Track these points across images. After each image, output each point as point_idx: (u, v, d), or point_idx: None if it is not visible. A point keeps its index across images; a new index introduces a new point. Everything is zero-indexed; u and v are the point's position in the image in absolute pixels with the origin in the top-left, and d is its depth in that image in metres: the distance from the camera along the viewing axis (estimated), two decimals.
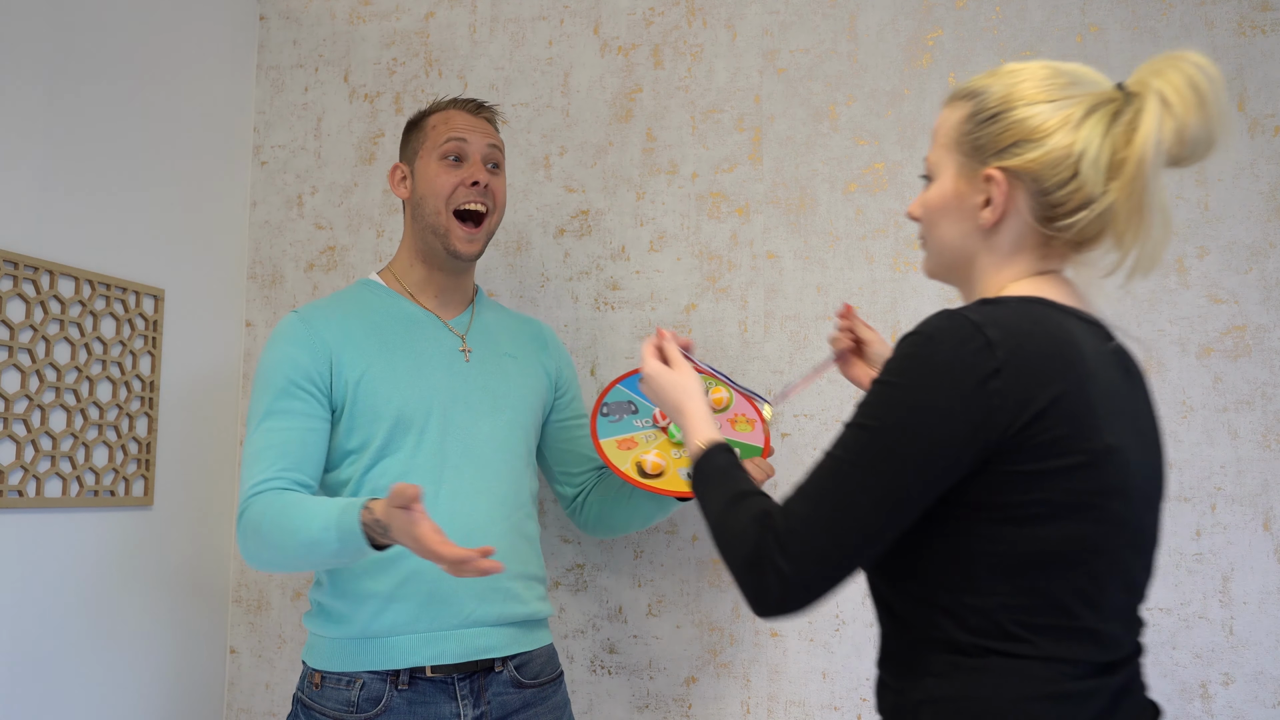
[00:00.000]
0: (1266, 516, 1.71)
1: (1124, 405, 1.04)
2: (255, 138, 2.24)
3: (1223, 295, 1.76)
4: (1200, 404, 1.75)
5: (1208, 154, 1.03)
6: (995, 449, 0.97)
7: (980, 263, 1.10)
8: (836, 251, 1.93)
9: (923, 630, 1.03)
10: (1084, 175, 1.02)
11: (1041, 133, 1.04)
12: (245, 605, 2.14)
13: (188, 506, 2.03)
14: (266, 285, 2.20)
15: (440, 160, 1.66)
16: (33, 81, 1.71)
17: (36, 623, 1.70)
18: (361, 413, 1.57)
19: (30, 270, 1.69)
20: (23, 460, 1.67)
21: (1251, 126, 1.77)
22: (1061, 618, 0.98)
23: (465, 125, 1.68)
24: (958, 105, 1.12)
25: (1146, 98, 1.01)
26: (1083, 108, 1.04)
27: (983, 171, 1.07)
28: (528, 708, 1.60)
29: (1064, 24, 1.86)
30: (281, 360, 1.57)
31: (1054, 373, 0.98)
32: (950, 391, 0.96)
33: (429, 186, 1.66)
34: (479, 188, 1.65)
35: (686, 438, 1.25)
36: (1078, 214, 1.04)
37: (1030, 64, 1.09)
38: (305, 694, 1.56)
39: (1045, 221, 1.06)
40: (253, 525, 1.47)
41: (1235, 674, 1.70)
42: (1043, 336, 0.99)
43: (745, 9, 2.01)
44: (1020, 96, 1.06)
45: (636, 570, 1.95)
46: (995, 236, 1.08)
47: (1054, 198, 1.05)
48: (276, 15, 2.26)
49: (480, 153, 1.68)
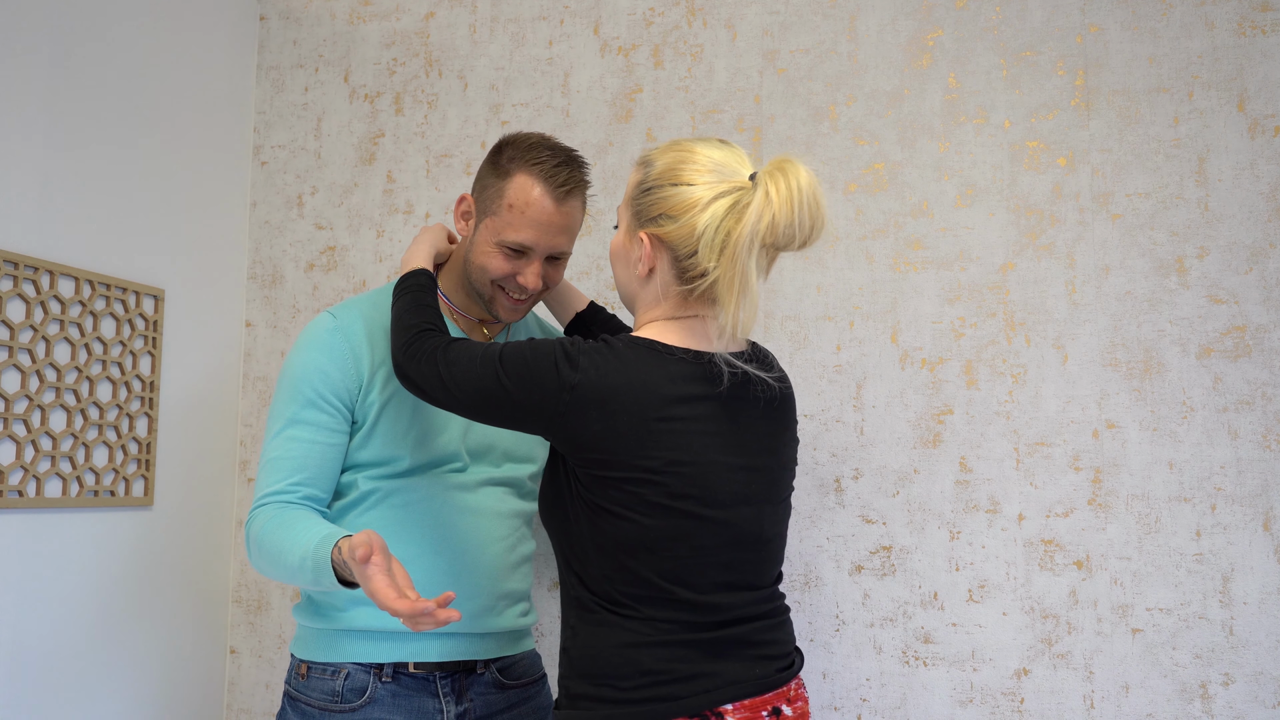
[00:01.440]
0: (1266, 517, 1.71)
1: (715, 426, 1.29)
2: (255, 138, 2.24)
3: (1223, 295, 1.76)
4: (1200, 404, 1.75)
5: (810, 242, 1.28)
6: (571, 458, 1.30)
7: (640, 302, 1.38)
8: (836, 251, 1.93)
9: (567, 590, 1.35)
10: (701, 252, 1.29)
11: (677, 210, 1.30)
12: (245, 605, 2.15)
13: (188, 506, 2.03)
14: (266, 285, 2.20)
15: (498, 245, 1.51)
16: (33, 81, 1.71)
17: (36, 623, 1.70)
18: (382, 434, 1.56)
19: (30, 270, 1.69)
20: (23, 460, 1.67)
21: (1251, 127, 1.77)
22: (653, 590, 1.28)
23: (541, 222, 1.49)
24: (637, 169, 1.37)
25: (757, 192, 1.26)
26: (712, 193, 1.29)
27: (639, 233, 1.34)
28: (512, 708, 1.62)
29: (1064, 24, 1.86)
30: (311, 371, 1.54)
31: (617, 404, 1.25)
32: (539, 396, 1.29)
33: (480, 259, 1.53)
34: (528, 290, 1.54)
35: (401, 266, 1.58)
36: (698, 280, 1.31)
37: (696, 146, 1.33)
38: (292, 685, 1.57)
39: (679, 280, 1.32)
40: (254, 536, 1.48)
41: (1235, 674, 1.70)
42: (617, 374, 1.26)
43: (745, 9, 2.01)
44: (672, 176, 1.31)
45: None
46: (648, 284, 1.36)
47: (684, 264, 1.31)
48: (276, 15, 2.26)
49: (544, 253, 1.52)
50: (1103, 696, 1.74)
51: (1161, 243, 1.79)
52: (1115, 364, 1.79)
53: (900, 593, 1.83)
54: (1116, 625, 1.75)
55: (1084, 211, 1.83)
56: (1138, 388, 1.78)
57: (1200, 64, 1.80)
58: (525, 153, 1.51)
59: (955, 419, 1.85)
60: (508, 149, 1.52)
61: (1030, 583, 1.79)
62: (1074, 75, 1.85)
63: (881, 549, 1.86)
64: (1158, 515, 1.75)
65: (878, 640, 1.84)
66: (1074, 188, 1.83)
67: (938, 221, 1.88)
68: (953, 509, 1.83)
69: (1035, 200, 1.85)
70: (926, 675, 1.82)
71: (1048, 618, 1.78)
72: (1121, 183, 1.82)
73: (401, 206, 2.15)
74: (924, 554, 1.84)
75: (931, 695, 1.81)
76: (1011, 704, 1.78)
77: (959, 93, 1.90)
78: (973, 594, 1.81)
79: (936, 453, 1.85)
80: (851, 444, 1.89)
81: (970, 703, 1.79)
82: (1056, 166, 1.84)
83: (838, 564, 1.87)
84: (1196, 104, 1.80)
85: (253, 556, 1.50)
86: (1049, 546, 1.79)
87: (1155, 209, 1.80)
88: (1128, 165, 1.82)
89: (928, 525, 1.84)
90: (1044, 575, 1.79)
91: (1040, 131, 1.86)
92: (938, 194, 1.89)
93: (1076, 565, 1.77)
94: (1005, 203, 1.86)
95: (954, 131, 1.89)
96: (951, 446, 1.84)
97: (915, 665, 1.82)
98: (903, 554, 1.85)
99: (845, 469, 1.89)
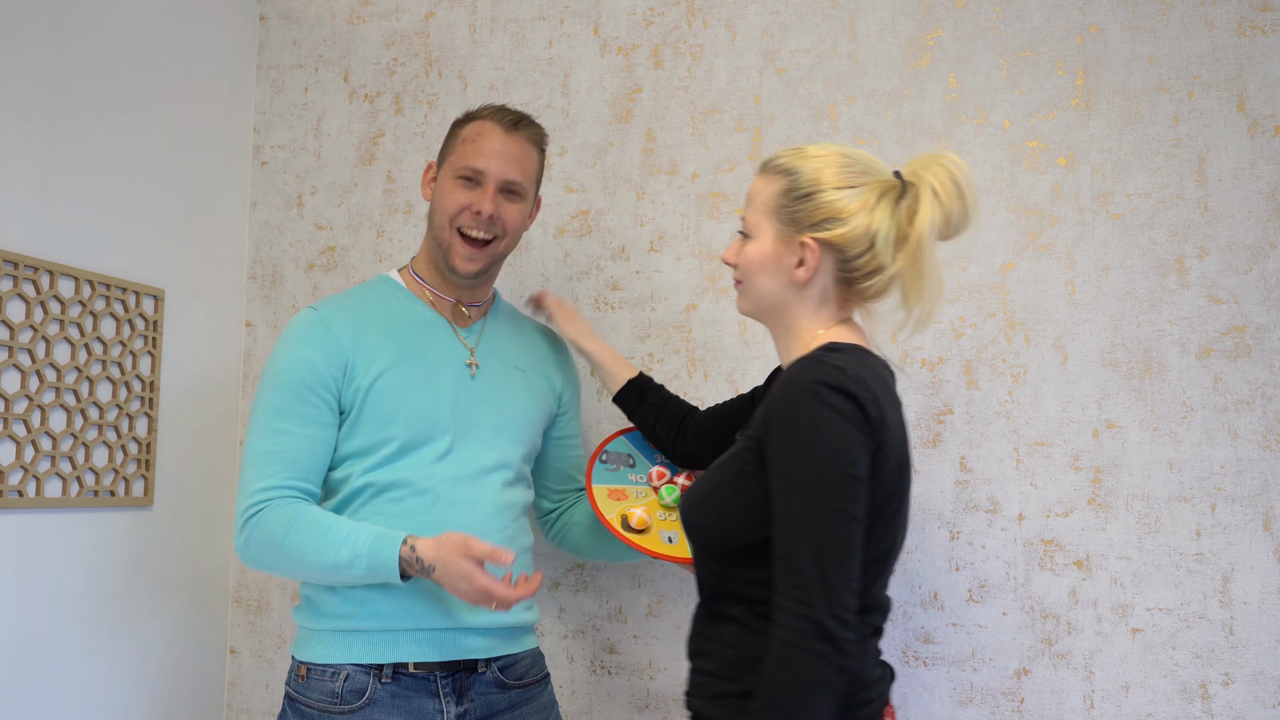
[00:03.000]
0: (1266, 516, 1.71)
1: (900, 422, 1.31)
2: (255, 138, 2.24)
3: (1223, 295, 1.76)
4: (1200, 404, 1.75)
5: (965, 231, 1.34)
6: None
7: (792, 310, 1.37)
8: None
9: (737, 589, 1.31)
10: (878, 248, 1.31)
11: (846, 214, 1.31)
12: (245, 605, 2.14)
13: (188, 506, 2.03)
14: (266, 285, 2.20)
15: (456, 179, 1.64)
16: (33, 82, 1.71)
17: (37, 623, 1.69)
18: (368, 419, 1.57)
19: (30, 270, 1.69)
20: (23, 460, 1.67)
21: (1251, 127, 1.77)
22: (864, 597, 1.26)
23: (492, 149, 1.63)
24: (774, 177, 1.37)
25: (921, 189, 1.31)
26: (875, 193, 1.32)
27: (798, 239, 1.33)
28: (513, 708, 1.61)
29: (1064, 24, 1.86)
30: (296, 361, 1.56)
31: (886, 406, 1.26)
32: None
33: (440, 200, 1.65)
34: (482, 218, 1.62)
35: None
36: (873, 278, 1.33)
37: (828, 150, 1.35)
38: (292, 687, 1.57)
39: (846, 282, 1.35)
40: (264, 534, 1.49)
41: (1235, 674, 1.70)
42: (875, 379, 1.27)
43: (745, 9, 2.01)
44: (832, 180, 1.32)
45: (636, 570, 1.95)
46: (806, 290, 1.35)
47: (854, 264, 1.33)
48: (276, 15, 2.26)
49: (496, 181, 1.63)
50: (1103, 696, 1.74)
51: (1161, 243, 1.79)
52: (1115, 364, 1.79)
53: (900, 593, 1.83)
54: (1116, 625, 1.75)
55: (1084, 211, 1.83)
56: (1138, 388, 1.78)
57: (1200, 64, 1.80)
58: (479, 109, 1.70)
59: (955, 419, 1.85)
60: (465, 115, 1.71)
61: (1030, 583, 1.79)
62: (1074, 75, 1.85)
63: None
64: (1158, 515, 1.75)
65: None
66: (1074, 188, 1.83)
67: None
68: (953, 509, 1.83)
69: (1035, 200, 1.85)
70: (926, 675, 1.82)
71: (1048, 618, 1.78)
72: (1121, 183, 1.82)
73: (401, 206, 2.15)
74: (924, 554, 1.84)
75: (931, 695, 1.81)
76: (1011, 704, 1.78)
77: (959, 93, 1.90)
78: (973, 594, 1.81)
79: (936, 452, 1.85)
80: None
81: (970, 703, 1.79)
82: (1056, 166, 1.84)
83: None
84: (1196, 104, 1.80)
85: (255, 551, 1.50)
86: (1049, 546, 1.79)
87: (1155, 209, 1.80)
88: (1128, 165, 1.82)
89: (928, 525, 1.84)
90: (1044, 575, 1.79)
91: (1040, 131, 1.86)
92: None
93: (1076, 565, 1.77)
94: (1005, 203, 1.86)
95: (954, 131, 1.89)
96: (951, 446, 1.84)
97: (915, 665, 1.82)
98: (902, 554, 1.84)
99: None
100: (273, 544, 1.48)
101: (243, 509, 1.52)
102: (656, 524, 1.67)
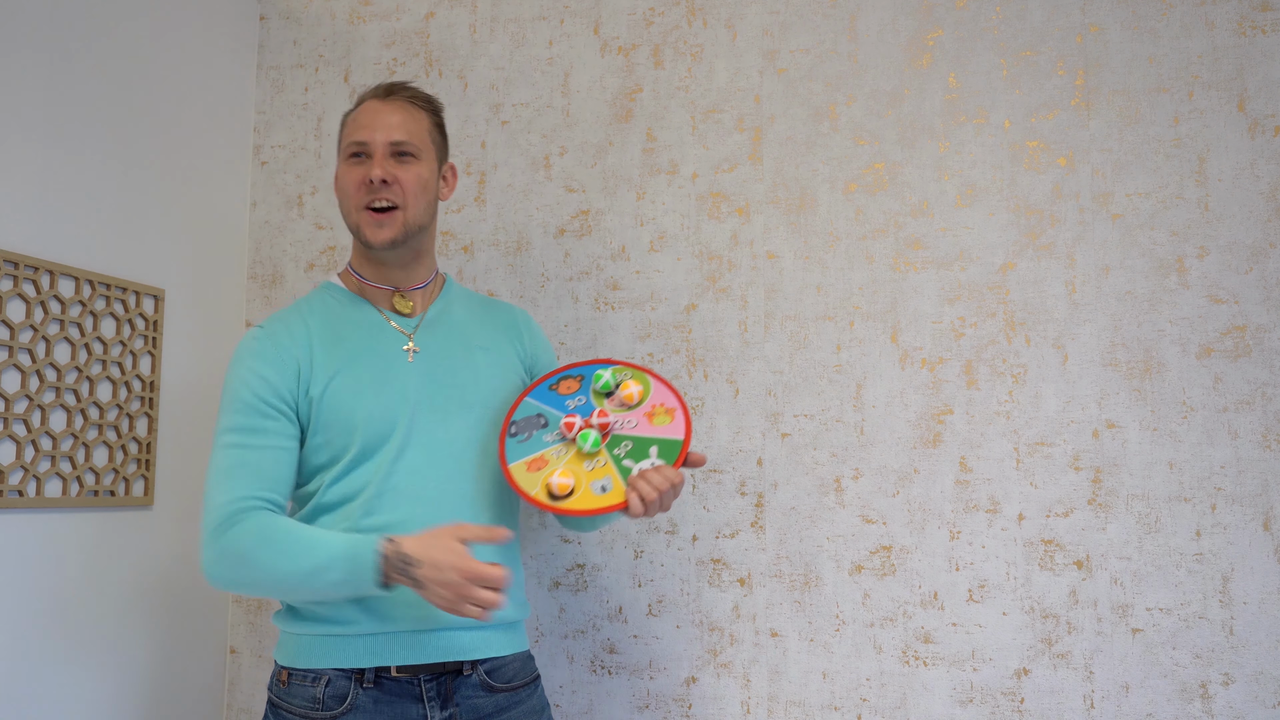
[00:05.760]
0: (1266, 516, 1.71)
1: None
2: (255, 138, 2.24)
3: (1223, 295, 1.76)
4: (1200, 404, 1.75)
5: None
6: None
7: None
8: (836, 252, 1.93)
9: None
10: None
11: None
12: (245, 605, 2.15)
13: (188, 506, 2.03)
14: (266, 285, 2.20)
15: (346, 160, 1.63)
16: (33, 81, 1.71)
17: (36, 622, 1.70)
18: (327, 426, 1.55)
19: (30, 270, 1.69)
20: (23, 460, 1.67)
21: (1251, 127, 1.77)
22: None
23: (369, 121, 1.62)
24: None
25: None
26: None
27: None
28: (501, 712, 1.57)
29: (1064, 24, 1.87)
30: (249, 377, 1.54)
31: None
32: None
33: (340, 185, 1.64)
34: (375, 185, 1.60)
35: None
36: None
37: None
38: (274, 692, 1.55)
39: None
40: (235, 547, 1.44)
41: (1235, 674, 1.70)
42: None
43: (745, 9, 2.01)
44: None
45: (636, 570, 1.96)
46: None
47: None
48: (276, 15, 2.26)
49: (382, 147, 1.61)
50: (1103, 696, 1.74)
51: (1161, 242, 1.79)
52: (1115, 364, 1.79)
53: (900, 593, 1.83)
54: (1116, 625, 1.75)
55: (1084, 211, 1.83)
56: (1138, 388, 1.78)
57: (1200, 64, 1.80)
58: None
59: (955, 419, 1.85)
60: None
61: (1030, 583, 1.79)
62: (1074, 75, 1.85)
63: (881, 549, 1.86)
64: (1158, 515, 1.75)
65: (878, 640, 1.84)
66: (1074, 188, 1.83)
67: (938, 221, 1.88)
68: (953, 509, 1.83)
69: (1035, 200, 1.85)
70: (926, 675, 1.82)
71: (1048, 618, 1.78)
72: (1121, 182, 1.82)
73: None
74: (924, 554, 1.84)
75: (931, 695, 1.81)
76: (1011, 704, 1.78)
77: (959, 93, 1.90)
78: (973, 594, 1.81)
79: (936, 453, 1.85)
80: (851, 444, 1.89)
81: (970, 703, 1.79)
82: (1056, 166, 1.85)
83: (838, 564, 1.87)
84: (1196, 104, 1.80)
85: (227, 567, 1.45)
86: (1049, 546, 1.79)
87: (1155, 209, 1.80)
88: (1128, 165, 1.82)
89: (928, 525, 1.84)
90: (1044, 575, 1.79)
91: (1040, 131, 1.86)
92: (938, 194, 1.89)
93: (1076, 565, 1.78)
94: (1005, 203, 1.86)
95: (954, 131, 1.89)
96: (951, 446, 1.84)
97: (915, 665, 1.82)
98: (903, 554, 1.85)
99: (845, 469, 1.89)
100: (242, 556, 1.44)
101: (209, 524, 1.47)
102: (585, 478, 1.51)
